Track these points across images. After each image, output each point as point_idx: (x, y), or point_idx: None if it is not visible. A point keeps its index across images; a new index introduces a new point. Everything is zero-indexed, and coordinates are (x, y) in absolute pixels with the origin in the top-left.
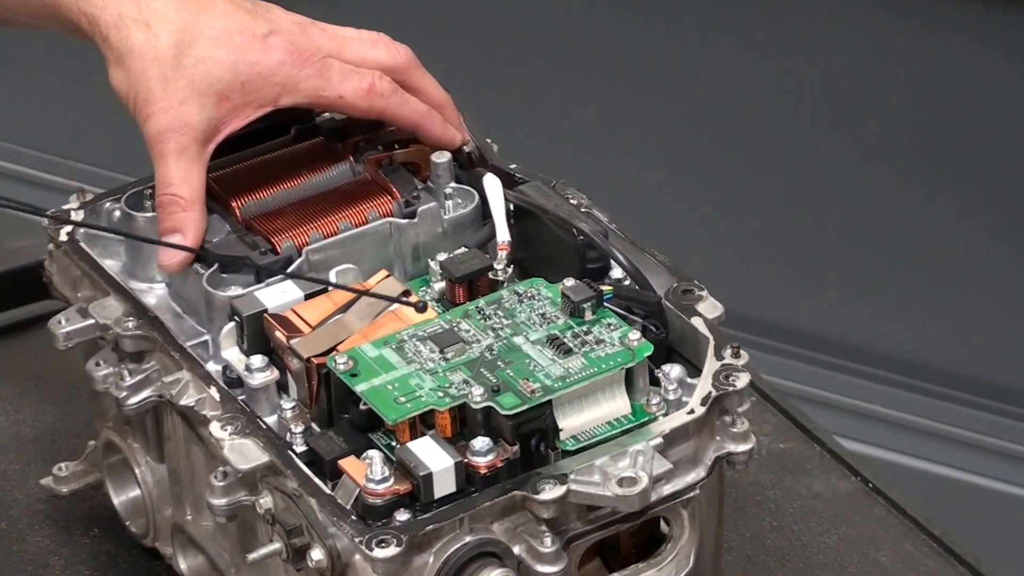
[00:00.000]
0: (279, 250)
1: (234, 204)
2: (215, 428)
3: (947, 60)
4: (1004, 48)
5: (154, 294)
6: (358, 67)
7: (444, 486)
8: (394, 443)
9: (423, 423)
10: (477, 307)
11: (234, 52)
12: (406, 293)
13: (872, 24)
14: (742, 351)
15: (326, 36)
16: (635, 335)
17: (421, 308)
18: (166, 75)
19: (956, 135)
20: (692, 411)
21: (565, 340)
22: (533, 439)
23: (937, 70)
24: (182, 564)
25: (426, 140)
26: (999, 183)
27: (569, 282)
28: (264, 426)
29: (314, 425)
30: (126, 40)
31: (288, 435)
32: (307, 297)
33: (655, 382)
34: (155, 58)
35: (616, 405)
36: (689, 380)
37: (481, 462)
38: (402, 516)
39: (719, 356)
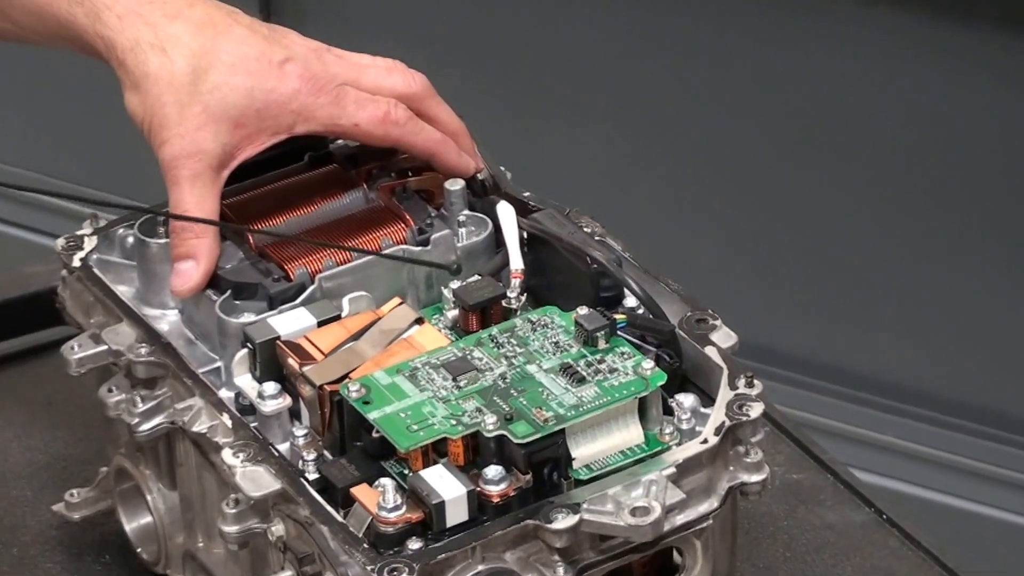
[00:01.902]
0: (292, 277)
1: None
2: (227, 455)
3: (971, 96)
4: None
5: (167, 320)
6: (373, 95)
7: (456, 515)
8: (406, 471)
9: (435, 451)
10: (490, 335)
11: (250, 79)
12: (419, 321)
13: (894, 57)
14: (756, 380)
15: (342, 63)
16: (648, 364)
17: (456, 270)
18: (182, 101)
19: (974, 168)
20: (705, 441)
21: (578, 369)
22: (546, 468)
23: (957, 105)
24: None
25: (440, 168)
26: (1014, 216)
27: (583, 310)
28: (276, 453)
29: (326, 453)
30: (142, 64)
31: (300, 462)
32: (320, 324)
33: (668, 411)
34: (171, 83)
35: (629, 434)
36: (703, 409)
37: (494, 491)
38: (414, 545)
39: (733, 385)
